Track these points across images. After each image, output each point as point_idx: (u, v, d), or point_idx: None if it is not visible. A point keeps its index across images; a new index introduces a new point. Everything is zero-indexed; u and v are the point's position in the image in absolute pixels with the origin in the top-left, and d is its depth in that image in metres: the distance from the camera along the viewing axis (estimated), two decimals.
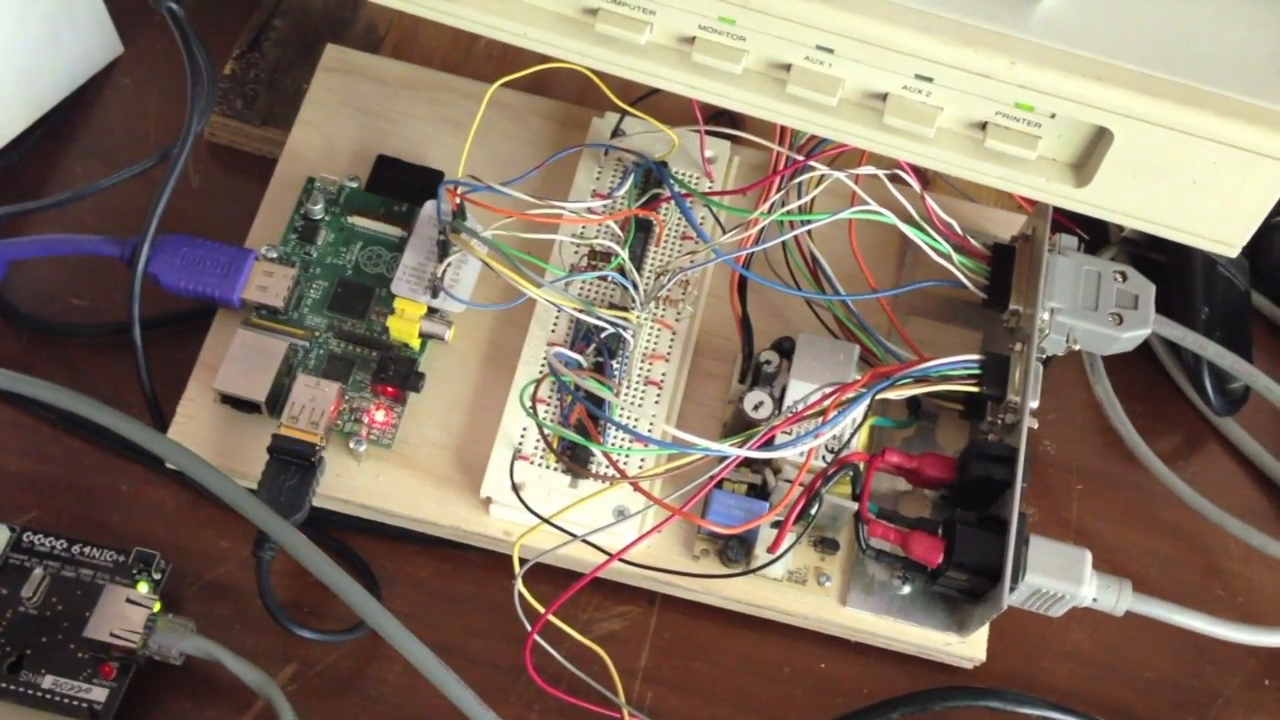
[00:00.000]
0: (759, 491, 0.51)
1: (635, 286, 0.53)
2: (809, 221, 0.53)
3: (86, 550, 0.50)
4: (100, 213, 0.58)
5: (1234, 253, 0.45)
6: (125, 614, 0.48)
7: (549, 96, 0.60)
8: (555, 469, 0.51)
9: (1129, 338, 0.51)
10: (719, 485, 0.50)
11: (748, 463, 0.51)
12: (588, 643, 0.49)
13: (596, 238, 0.54)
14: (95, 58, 0.62)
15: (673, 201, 0.55)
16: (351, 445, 0.52)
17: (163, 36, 0.62)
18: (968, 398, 0.51)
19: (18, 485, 0.53)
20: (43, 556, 0.50)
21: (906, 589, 0.52)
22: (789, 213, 0.53)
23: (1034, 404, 0.49)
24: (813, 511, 0.49)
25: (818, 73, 0.43)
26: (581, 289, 0.55)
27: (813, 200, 0.54)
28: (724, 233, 0.54)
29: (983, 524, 0.49)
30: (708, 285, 0.56)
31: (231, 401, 0.52)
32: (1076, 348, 0.51)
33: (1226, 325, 0.58)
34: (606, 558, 0.49)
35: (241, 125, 0.60)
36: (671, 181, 0.55)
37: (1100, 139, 0.43)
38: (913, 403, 0.54)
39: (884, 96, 0.43)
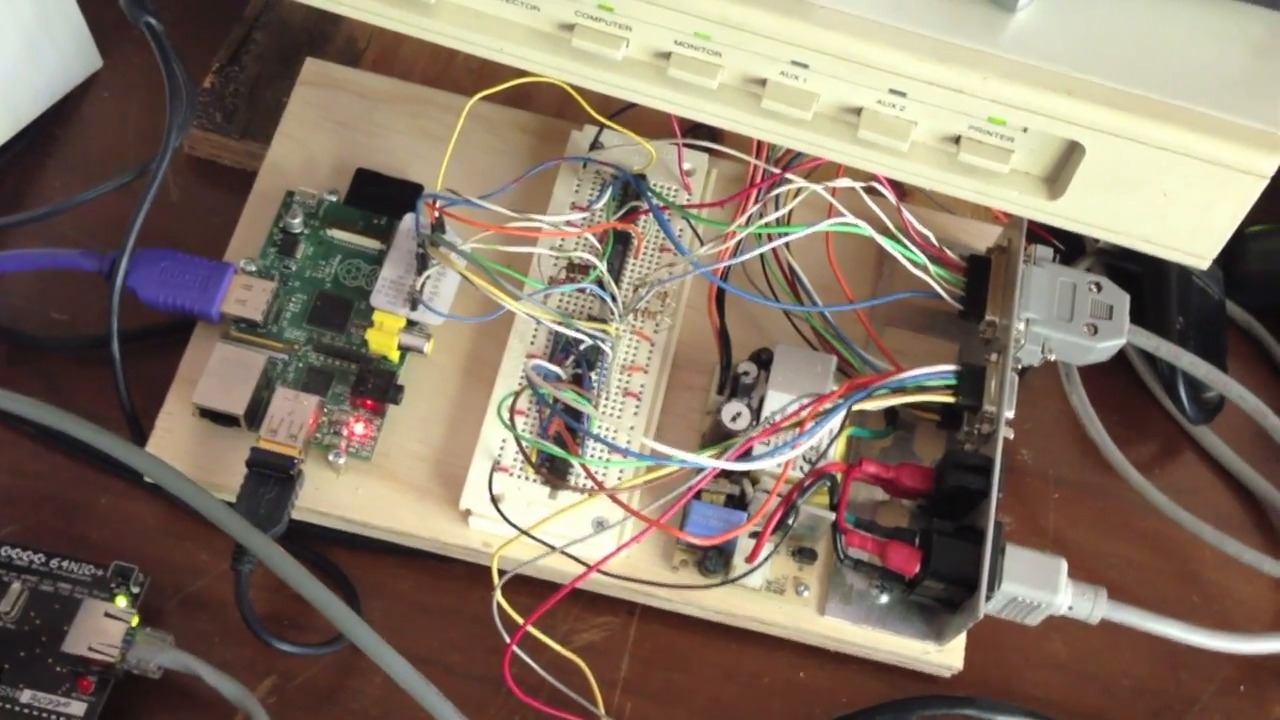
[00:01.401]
0: (737, 502, 0.51)
1: (614, 299, 0.53)
2: (786, 234, 0.53)
3: (65, 564, 0.50)
4: (79, 226, 0.58)
5: (1206, 264, 0.45)
6: (104, 628, 0.48)
7: (528, 110, 0.60)
8: (534, 481, 0.51)
9: (1104, 348, 0.51)
10: (697, 496, 0.50)
11: (726, 473, 0.51)
12: (567, 654, 0.49)
13: (575, 250, 0.55)
14: (74, 71, 0.62)
15: (651, 214, 0.55)
16: (331, 458, 0.52)
17: (142, 50, 0.62)
18: (944, 408, 0.51)
19: None
20: (21, 570, 0.50)
21: (884, 598, 0.52)
22: (766, 225, 0.53)
23: (1010, 414, 0.49)
24: (790, 522, 0.49)
25: (793, 88, 0.43)
26: (560, 302, 0.55)
27: (790, 213, 0.54)
28: (702, 245, 0.55)
29: (959, 533, 0.49)
30: (686, 297, 0.57)
31: (210, 415, 0.52)
32: (1052, 358, 0.51)
33: (1201, 335, 0.59)
34: (585, 569, 0.49)
35: (221, 139, 0.60)
36: (649, 194, 0.55)
37: (1072, 153, 0.43)
38: (890, 413, 0.54)
39: (858, 111, 0.44)
